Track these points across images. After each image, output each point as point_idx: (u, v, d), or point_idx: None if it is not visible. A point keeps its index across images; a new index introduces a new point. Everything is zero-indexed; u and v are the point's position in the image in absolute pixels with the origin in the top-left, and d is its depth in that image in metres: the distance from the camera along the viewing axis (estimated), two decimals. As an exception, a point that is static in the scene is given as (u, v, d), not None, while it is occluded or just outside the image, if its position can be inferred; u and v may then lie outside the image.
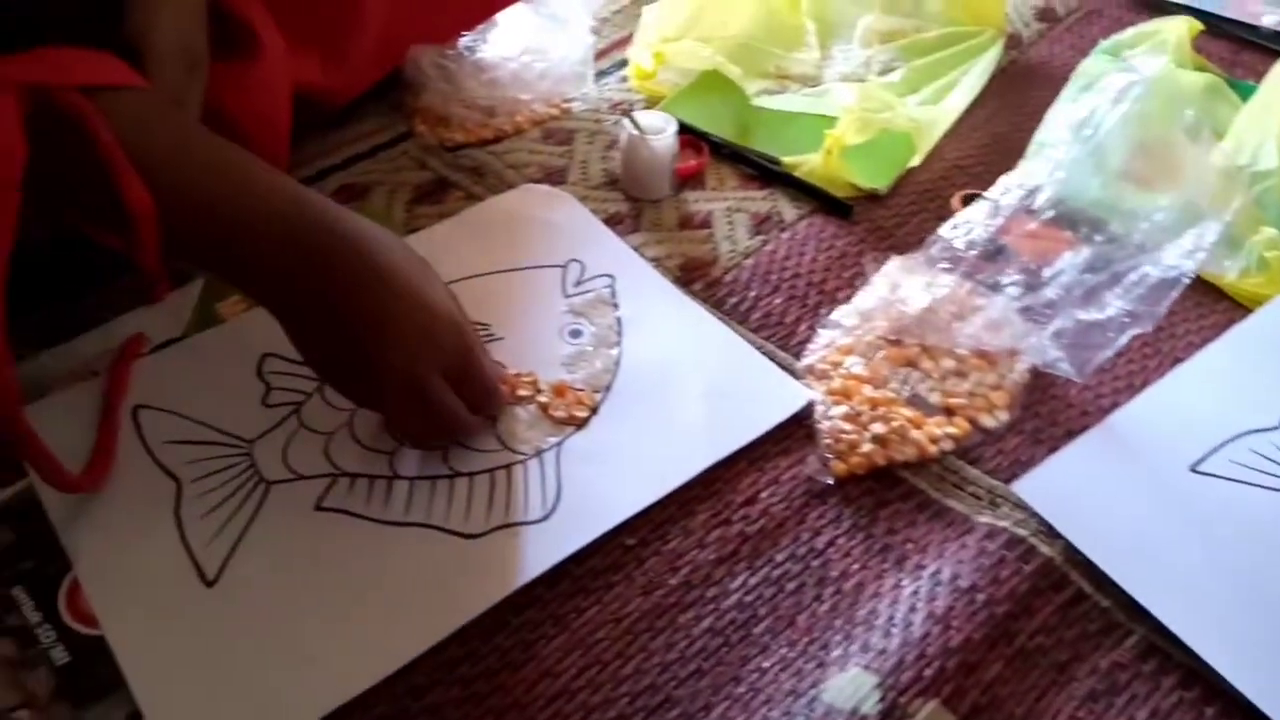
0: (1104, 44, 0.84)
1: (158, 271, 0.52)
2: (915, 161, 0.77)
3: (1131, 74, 0.71)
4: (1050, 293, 0.62)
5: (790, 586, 0.52)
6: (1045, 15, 0.95)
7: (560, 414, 0.59)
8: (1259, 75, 0.81)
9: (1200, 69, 0.84)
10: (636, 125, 0.73)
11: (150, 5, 0.57)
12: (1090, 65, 0.81)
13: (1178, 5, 0.94)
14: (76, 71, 0.48)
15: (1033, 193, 0.63)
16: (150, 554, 0.52)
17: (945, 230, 0.63)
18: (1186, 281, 0.60)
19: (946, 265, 0.61)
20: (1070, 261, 0.62)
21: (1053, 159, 0.69)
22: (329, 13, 0.71)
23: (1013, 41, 0.91)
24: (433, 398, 0.52)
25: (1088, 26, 0.94)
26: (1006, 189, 0.64)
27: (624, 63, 0.88)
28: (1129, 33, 0.84)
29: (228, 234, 0.50)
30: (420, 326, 0.51)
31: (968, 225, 0.63)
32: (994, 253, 0.64)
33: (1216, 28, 0.92)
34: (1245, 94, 0.80)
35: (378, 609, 0.50)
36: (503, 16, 0.82)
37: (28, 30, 0.49)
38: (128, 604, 0.50)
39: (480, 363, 0.54)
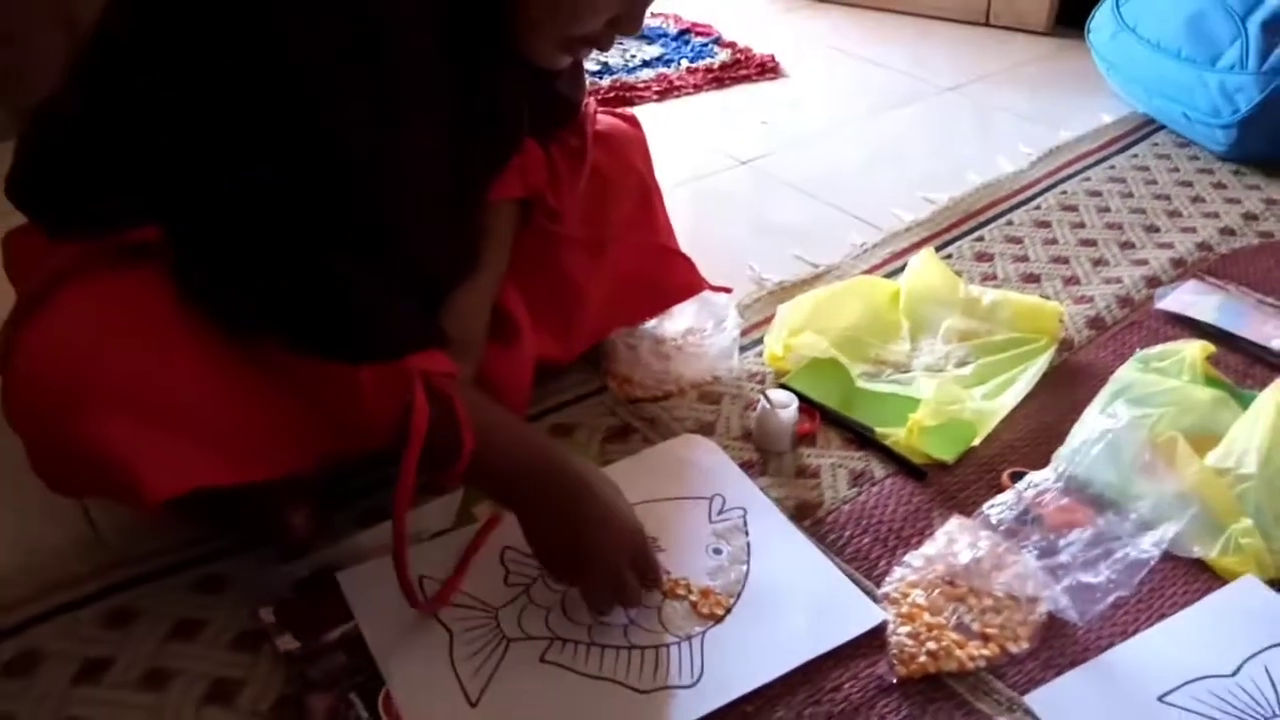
0: (1137, 356, 1.09)
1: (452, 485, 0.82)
2: (976, 442, 1.03)
3: (1157, 383, 0.98)
4: (1063, 557, 0.86)
5: (860, 752, 0.76)
6: (1095, 323, 1.22)
7: (705, 611, 0.85)
8: (1264, 386, 1.04)
9: (1212, 381, 1.08)
10: (769, 401, 1.01)
11: (452, 313, 0.90)
12: (1123, 374, 1.06)
13: (1202, 324, 1.19)
14: (437, 363, 0.79)
15: (1061, 479, 0.87)
16: (435, 679, 0.79)
17: (988, 505, 0.89)
18: (1153, 563, 0.83)
19: (988, 532, 0.86)
20: (1079, 536, 0.86)
21: (1083, 451, 0.94)
22: (563, 308, 1.03)
23: (1065, 344, 1.17)
24: (621, 578, 0.80)
25: (1129, 335, 1.20)
26: (1045, 475, 0.89)
27: (759, 341, 1.17)
28: (1157, 349, 1.10)
29: (507, 473, 0.80)
30: (617, 531, 0.80)
31: (1005, 503, 0.87)
32: (1027, 523, 0.88)
33: (1234, 345, 1.16)
34: (1248, 403, 1.03)
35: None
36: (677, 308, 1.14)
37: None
38: (425, 713, 0.76)
39: (651, 555, 0.83)
